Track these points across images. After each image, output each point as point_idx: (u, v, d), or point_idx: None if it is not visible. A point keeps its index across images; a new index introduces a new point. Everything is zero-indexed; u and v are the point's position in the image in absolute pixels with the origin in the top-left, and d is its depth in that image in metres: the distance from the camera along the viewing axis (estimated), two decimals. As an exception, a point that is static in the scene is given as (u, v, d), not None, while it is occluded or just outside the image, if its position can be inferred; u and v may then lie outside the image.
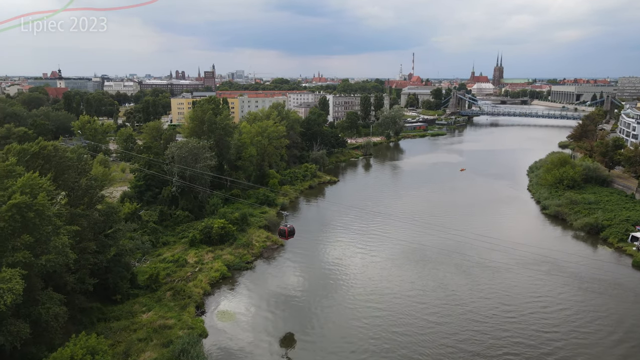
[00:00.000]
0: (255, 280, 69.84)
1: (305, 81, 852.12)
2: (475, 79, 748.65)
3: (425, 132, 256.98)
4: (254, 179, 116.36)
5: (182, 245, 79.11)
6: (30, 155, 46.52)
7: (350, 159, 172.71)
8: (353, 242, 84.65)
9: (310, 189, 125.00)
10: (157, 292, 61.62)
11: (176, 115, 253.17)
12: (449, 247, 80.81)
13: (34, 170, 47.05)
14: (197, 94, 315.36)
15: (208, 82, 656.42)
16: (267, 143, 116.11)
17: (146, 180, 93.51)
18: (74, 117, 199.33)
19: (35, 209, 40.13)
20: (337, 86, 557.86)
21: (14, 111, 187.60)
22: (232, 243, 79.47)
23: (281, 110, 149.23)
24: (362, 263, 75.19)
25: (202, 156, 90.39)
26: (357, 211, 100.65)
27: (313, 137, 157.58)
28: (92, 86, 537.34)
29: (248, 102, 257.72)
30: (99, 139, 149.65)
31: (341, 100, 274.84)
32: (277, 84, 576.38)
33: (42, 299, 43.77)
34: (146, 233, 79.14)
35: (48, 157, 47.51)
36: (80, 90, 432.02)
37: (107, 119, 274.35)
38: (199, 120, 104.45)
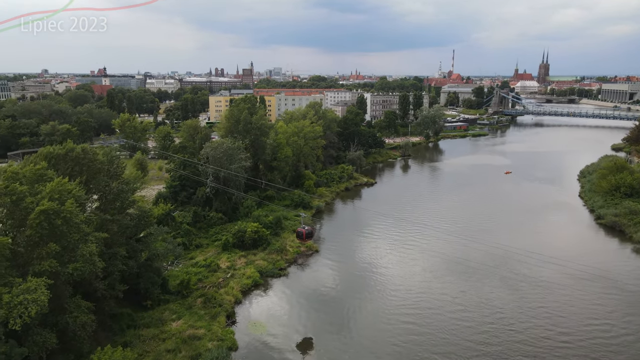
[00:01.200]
0: (288, 288, 67.19)
1: (343, 78, 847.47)
2: (518, 76, 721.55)
3: (466, 132, 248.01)
4: (289, 179, 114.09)
5: (214, 249, 77.52)
6: (57, 159, 45.39)
7: (387, 160, 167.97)
8: (390, 250, 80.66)
9: (346, 191, 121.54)
10: (188, 299, 59.97)
11: (214, 113, 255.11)
12: (494, 258, 75.64)
13: (63, 174, 45.97)
14: (235, 92, 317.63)
15: (246, 80, 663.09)
16: (303, 143, 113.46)
17: (181, 181, 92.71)
18: (115, 114, 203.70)
19: (63, 216, 38.71)
20: (375, 84, 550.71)
21: (60, 108, 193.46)
22: (265, 248, 77.22)
23: (318, 109, 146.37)
24: (399, 273, 71.20)
25: (236, 157, 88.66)
26: (395, 218, 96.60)
27: (350, 137, 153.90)
28: (135, 83, 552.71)
29: (285, 100, 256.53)
30: (137, 136, 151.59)
31: (379, 99, 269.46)
32: (314, 82, 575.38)
33: (69, 307, 42.55)
34: (179, 235, 78.05)
35: (77, 160, 46.27)
36: (123, 87, 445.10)
37: (147, 116, 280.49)
38: (234, 119, 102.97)
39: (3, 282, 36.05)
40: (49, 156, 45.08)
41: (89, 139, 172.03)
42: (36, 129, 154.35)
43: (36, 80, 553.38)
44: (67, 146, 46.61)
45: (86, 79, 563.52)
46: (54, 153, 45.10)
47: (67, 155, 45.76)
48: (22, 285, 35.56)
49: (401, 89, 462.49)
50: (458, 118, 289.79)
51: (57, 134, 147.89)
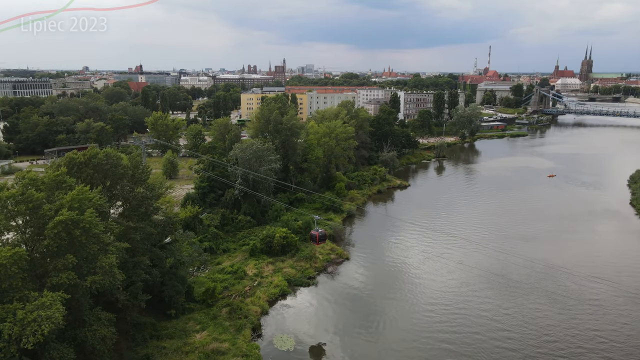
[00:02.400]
0: (317, 299, 64.00)
1: (375, 75, 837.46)
2: (559, 73, 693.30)
3: (503, 132, 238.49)
4: (320, 181, 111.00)
5: (242, 254, 75.20)
6: (78, 165, 43.62)
7: (421, 161, 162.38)
8: (424, 260, 76.21)
9: (378, 194, 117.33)
10: (213, 308, 57.68)
11: (245, 110, 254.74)
12: (537, 271, 70.36)
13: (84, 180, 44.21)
14: (267, 89, 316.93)
15: (278, 77, 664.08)
16: (334, 144, 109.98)
17: (210, 182, 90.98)
18: (149, 112, 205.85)
19: (82, 226, 36.69)
20: (408, 81, 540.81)
21: (96, 106, 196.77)
22: (294, 255, 74.32)
23: (350, 108, 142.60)
24: (435, 287, 66.81)
25: (266, 159, 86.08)
26: (429, 227, 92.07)
27: (383, 137, 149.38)
28: (170, 80, 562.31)
29: (317, 98, 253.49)
30: (169, 134, 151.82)
31: (413, 97, 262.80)
32: (346, 79, 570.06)
33: (89, 319, 40.65)
34: (206, 239, 76.18)
35: (99, 166, 44.38)
36: (158, 84, 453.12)
37: (180, 113, 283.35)
38: (265, 119, 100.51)
39: (18, 296, 34.29)
40: (72, 162, 43.32)
41: (122, 136, 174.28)
42: (73, 126, 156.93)
43: (76, 78, 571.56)
44: (90, 152, 44.76)
45: (123, 76, 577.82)
46: (76, 160, 43.31)
47: (90, 161, 43.93)
48: (37, 301, 33.69)
49: (435, 86, 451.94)
50: (495, 117, 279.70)
51: (92, 131, 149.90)
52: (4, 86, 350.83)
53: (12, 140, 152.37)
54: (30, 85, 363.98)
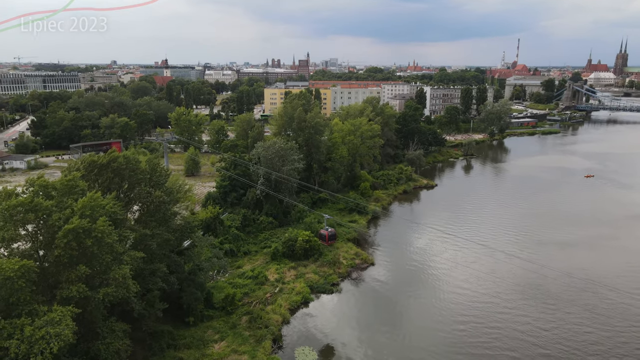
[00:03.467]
0: (341, 308, 61.11)
1: (400, 70, 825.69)
2: (592, 67, 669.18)
3: (534, 129, 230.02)
4: (344, 180, 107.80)
5: (263, 257, 72.82)
6: (99, 168, 41.60)
7: (448, 159, 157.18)
8: (454, 267, 72.28)
9: (404, 194, 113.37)
10: (233, 316, 55.41)
11: (268, 105, 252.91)
12: (577, 281, 65.70)
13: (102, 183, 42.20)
14: (290, 84, 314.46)
15: (302, 71, 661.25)
16: (359, 143, 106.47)
17: (231, 181, 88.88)
18: (173, 106, 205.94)
19: (94, 236, 34.57)
20: (434, 76, 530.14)
21: (121, 100, 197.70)
22: (317, 259, 71.50)
23: (376, 105, 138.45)
24: (466, 299, 62.88)
25: (289, 158, 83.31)
26: (459, 229, 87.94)
27: (409, 135, 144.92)
28: (194, 74, 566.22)
29: (341, 93, 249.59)
30: (192, 130, 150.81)
31: (439, 93, 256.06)
32: (370, 73, 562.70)
33: (102, 331, 38.73)
34: (227, 240, 74.08)
35: (118, 170, 42.31)
36: (183, 78, 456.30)
37: (204, 108, 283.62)
38: (288, 116, 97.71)
39: (27, 310, 32.41)
40: (92, 164, 41.35)
41: (146, 131, 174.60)
42: (98, 121, 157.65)
43: (104, 72, 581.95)
44: (111, 155, 42.73)
45: (149, 70, 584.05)
46: (96, 162, 41.33)
47: (110, 164, 41.89)
48: (46, 316, 31.73)
49: (462, 81, 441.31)
50: (525, 113, 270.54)
51: (116, 126, 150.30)
52: (35, 80, 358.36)
53: (39, 134, 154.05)
54: (59, 79, 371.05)
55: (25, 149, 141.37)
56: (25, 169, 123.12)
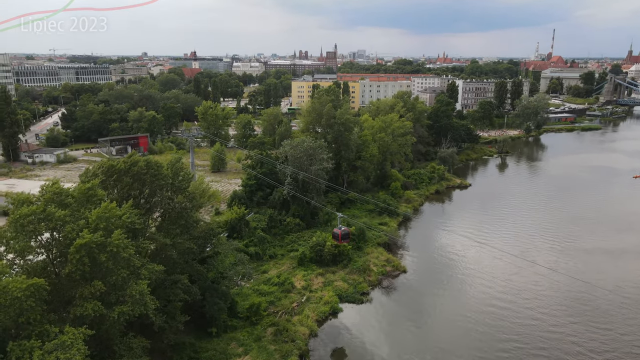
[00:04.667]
0: (371, 320, 57.49)
1: (429, 62, 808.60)
2: (632, 59, 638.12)
3: (572, 124, 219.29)
4: (374, 179, 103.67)
5: (289, 261, 69.76)
6: (117, 174, 39.01)
7: (482, 157, 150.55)
8: (493, 279, 67.51)
9: (436, 194, 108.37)
10: (257, 327, 52.53)
11: (296, 98, 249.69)
12: (631, 297, 60.07)
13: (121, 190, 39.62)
14: (318, 76, 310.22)
15: (329, 63, 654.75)
16: (390, 140, 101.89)
17: (258, 179, 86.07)
18: (201, 99, 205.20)
19: (109, 250, 31.90)
20: (465, 68, 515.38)
21: (149, 93, 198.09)
22: (346, 265, 68.00)
23: (407, 100, 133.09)
24: (507, 315, 58.23)
25: (317, 157, 79.74)
26: (497, 234, 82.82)
27: (442, 131, 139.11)
28: (222, 66, 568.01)
29: (370, 87, 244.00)
30: (219, 124, 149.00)
31: (472, 86, 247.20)
32: (399, 65, 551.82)
33: (119, 349, 36.25)
34: (252, 243, 71.31)
35: (138, 175, 39.64)
36: (211, 70, 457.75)
37: (231, 101, 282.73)
38: (316, 113, 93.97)
39: (38, 331, 30.04)
40: (112, 170, 38.78)
41: (174, 124, 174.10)
42: (126, 114, 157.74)
43: (135, 64, 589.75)
44: (131, 159, 40.06)
45: (178, 62, 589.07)
46: (115, 167, 38.72)
47: (129, 170, 39.26)
48: (57, 339, 29.23)
49: (494, 73, 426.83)
50: (563, 108, 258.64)
51: (143, 120, 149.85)
52: (68, 72, 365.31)
53: (69, 128, 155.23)
54: (91, 71, 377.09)
55: (56, 142, 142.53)
56: (55, 163, 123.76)
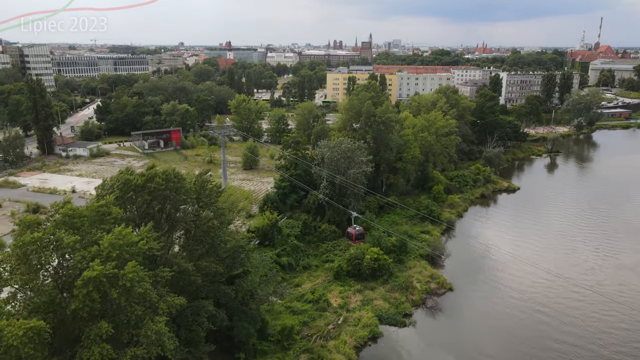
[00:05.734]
0: (415, 347, 51.59)
1: (467, 52, 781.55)
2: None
3: (627, 121, 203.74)
4: (414, 181, 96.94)
5: (324, 274, 64.55)
6: (134, 190, 34.49)
7: (530, 156, 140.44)
8: (549, 299, 60.25)
9: (482, 199, 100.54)
10: (289, 353, 47.63)
11: (330, 91, 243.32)
12: None
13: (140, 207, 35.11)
14: (353, 68, 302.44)
15: (364, 53, 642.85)
16: (433, 140, 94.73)
17: (291, 181, 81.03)
18: (234, 92, 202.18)
19: (122, 285, 27.33)
20: (506, 59, 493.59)
21: (183, 85, 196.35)
22: (386, 280, 62.16)
23: (450, 95, 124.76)
24: (576, 340, 51.19)
25: (356, 160, 73.82)
26: (552, 247, 74.93)
27: (486, 129, 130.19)
28: (257, 57, 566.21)
29: (407, 79, 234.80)
30: (252, 119, 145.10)
31: (516, 79, 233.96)
32: (436, 56, 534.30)
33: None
34: (285, 252, 66.43)
35: (156, 191, 35.01)
36: (245, 61, 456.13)
37: (265, 92, 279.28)
38: (355, 110, 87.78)
39: (37, 380, 25.81)
40: (127, 185, 34.29)
41: (207, 117, 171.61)
42: (160, 106, 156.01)
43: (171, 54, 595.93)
44: (148, 172, 35.43)
45: (213, 53, 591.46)
46: (131, 182, 34.18)
47: (146, 185, 34.69)
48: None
49: (538, 64, 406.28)
50: (616, 102, 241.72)
51: (176, 113, 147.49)
52: (107, 62, 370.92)
53: (104, 120, 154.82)
54: (128, 62, 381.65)
55: (90, 135, 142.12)
56: (88, 157, 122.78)
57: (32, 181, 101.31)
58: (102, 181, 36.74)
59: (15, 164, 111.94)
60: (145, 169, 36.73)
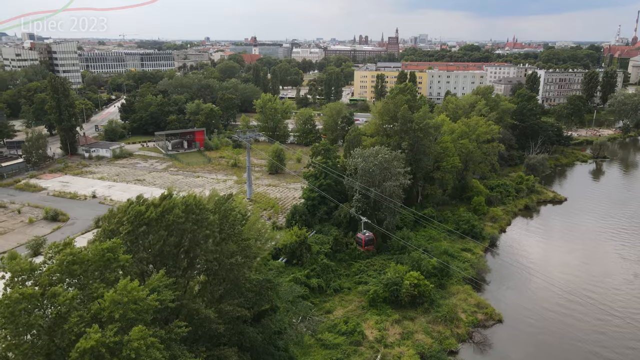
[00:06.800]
0: (463, 393, 45.34)
1: (497, 47, 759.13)
2: None
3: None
4: (451, 191, 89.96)
5: (358, 298, 58.68)
6: (147, 224, 29.23)
7: (573, 162, 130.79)
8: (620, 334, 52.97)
9: (525, 211, 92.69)
10: (322, 398, 42.10)
11: (358, 89, 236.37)
12: None
13: (154, 245, 29.83)
14: (381, 65, 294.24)
15: (391, 49, 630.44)
16: (474, 147, 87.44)
17: (321, 193, 75.28)
18: (259, 90, 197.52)
19: (126, 355, 22.04)
20: (539, 54, 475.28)
21: (207, 83, 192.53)
22: (427, 309, 55.88)
23: (489, 96, 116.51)
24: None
25: (393, 171, 67.44)
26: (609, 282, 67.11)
27: (529, 133, 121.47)
28: (282, 52, 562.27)
29: (438, 77, 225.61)
30: (278, 119, 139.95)
31: (555, 77, 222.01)
32: (466, 52, 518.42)
33: None
34: (314, 273, 60.80)
35: (174, 225, 29.69)
36: (270, 57, 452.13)
37: (290, 89, 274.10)
38: (390, 115, 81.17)
39: None
40: (140, 219, 29.02)
41: (231, 116, 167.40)
42: (184, 105, 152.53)
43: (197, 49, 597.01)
44: (164, 203, 30.04)
45: (239, 48, 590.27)
46: (144, 215, 28.89)
47: (162, 218, 29.39)
48: None
49: (573, 60, 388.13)
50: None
51: (201, 113, 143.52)
52: (133, 58, 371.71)
53: (128, 119, 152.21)
54: (155, 57, 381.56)
55: (114, 134, 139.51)
56: (111, 158, 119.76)
57: (53, 184, 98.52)
58: (109, 211, 31.66)
59: (37, 165, 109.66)
60: (160, 197, 31.30)
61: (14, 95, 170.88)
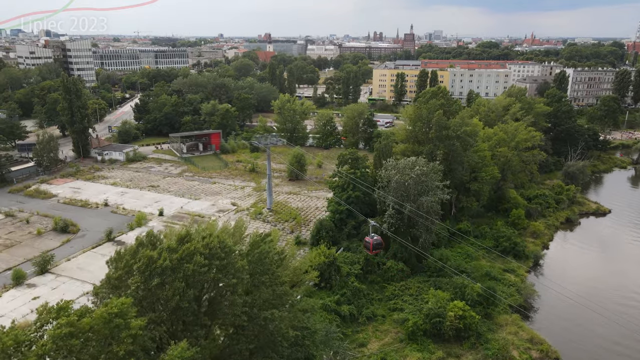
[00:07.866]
0: None
1: (515, 43, 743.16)
2: None
3: None
4: (487, 202, 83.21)
5: (394, 328, 52.65)
6: (159, 274, 23.59)
7: (611, 168, 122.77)
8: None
9: (567, 224, 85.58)
10: None
11: (377, 88, 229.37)
12: None
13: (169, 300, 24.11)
14: (400, 63, 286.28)
15: (407, 45, 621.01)
16: (512, 155, 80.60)
17: (349, 203, 69.38)
18: (275, 89, 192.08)
19: None
20: (561, 51, 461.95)
21: (222, 82, 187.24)
22: (473, 344, 49.64)
23: (523, 99, 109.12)
24: None
25: (430, 185, 61.13)
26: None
27: (564, 137, 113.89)
28: (296, 49, 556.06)
29: (460, 76, 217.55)
30: (296, 120, 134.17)
31: (584, 76, 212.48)
32: (484, 49, 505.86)
33: None
34: (345, 299, 54.93)
35: (196, 274, 24.04)
36: (285, 53, 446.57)
37: (307, 87, 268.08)
38: (423, 121, 74.65)
39: None
40: (153, 268, 23.41)
41: (247, 116, 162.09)
42: (199, 105, 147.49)
43: (211, 46, 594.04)
44: (184, 248, 24.39)
45: (253, 45, 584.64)
46: (156, 262, 23.31)
47: (182, 266, 23.77)
48: None
49: (596, 57, 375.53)
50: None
51: (216, 113, 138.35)
52: (148, 55, 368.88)
53: (141, 119, 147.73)
54: (169, 54, 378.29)
55: (127, 136, 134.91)
56: (124, 161, 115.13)
57: (64, 190, 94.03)
58: (116, 253, 26.09)
59: (48, 169, 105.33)
60: (177, 238, 25.63)
61: (27, 94, 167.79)
